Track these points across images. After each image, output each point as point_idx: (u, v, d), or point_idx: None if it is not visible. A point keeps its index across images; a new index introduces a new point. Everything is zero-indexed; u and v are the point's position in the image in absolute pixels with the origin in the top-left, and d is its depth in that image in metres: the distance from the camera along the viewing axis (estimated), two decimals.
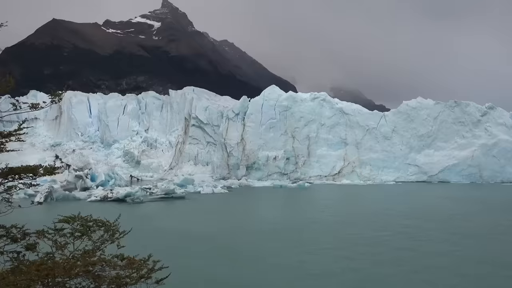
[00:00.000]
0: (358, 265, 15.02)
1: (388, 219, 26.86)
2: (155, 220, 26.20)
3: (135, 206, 34.09)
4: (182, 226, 23.76)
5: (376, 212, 30.13)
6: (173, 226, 23.53)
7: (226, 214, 30.22)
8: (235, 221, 25.97)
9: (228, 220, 26.66)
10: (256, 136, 71.10)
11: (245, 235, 21.09)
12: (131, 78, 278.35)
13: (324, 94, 76.32)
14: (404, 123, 72.27)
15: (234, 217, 28.23)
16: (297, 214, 29.45)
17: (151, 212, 30.96)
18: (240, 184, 60.44)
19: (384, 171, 70.15)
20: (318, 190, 54.45)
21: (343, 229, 22.80)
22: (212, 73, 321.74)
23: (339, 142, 72.14)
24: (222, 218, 27.76)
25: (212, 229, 22.59)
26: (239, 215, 29.12)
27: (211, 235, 20.88)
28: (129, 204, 34.92)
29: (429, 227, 23.41)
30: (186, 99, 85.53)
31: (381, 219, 26.74)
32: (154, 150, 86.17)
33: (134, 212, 30.64)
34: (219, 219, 26.91)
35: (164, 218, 27.47)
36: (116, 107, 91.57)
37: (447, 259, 16.03)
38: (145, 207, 33.76)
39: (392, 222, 25.58)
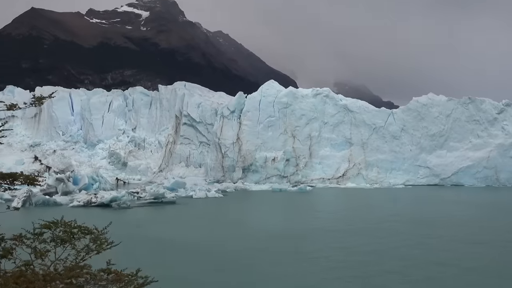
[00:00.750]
0: (361, 275, 15.02)
1: (396, 226, 26.89)
2: (143, 227, 26.15)
3: (122, 211, 34.00)
4: (172, 233, 23.72)
5: (384, 219, 30.17)
6: (163, 234, 23.48)
7: (220, 220, 30.20)
8: (230, 229, 25.95)
9: (223, 227, 26.63)
10: (253, 135, 71.11)
11: (241, 243, 21.07)
12: (117, 72, 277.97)
13: (327, 89, 76.39)
14: (414, 121, 72.42)
15: (229, 224, 28.21)
16: (297, 221, 29.45)
17: (139, 218, 30.89)
18: (236, 187, 60.40)
19: (392, 174, 70.27)
20: (320, 194, 54.43)
21: (347, 237, 22.81)
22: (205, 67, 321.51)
23: (343, 142, 72.23)
24: (216, 225, 27.73)
25: (205, 237, 22.55)
26: (234, 222, 29.11)
27: (204, 243, 20.85)
28: (114, 209, 34.83)
29: (441, 235, 23.44)
30: (177, 95, 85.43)
31: (389, 226, 26.78)
32: (142, 150, 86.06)
33: (120, 218, 30.56)
34: (212, 226, 26.88)
35: (153, 225, 27.42)
36: (101, 104, 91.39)
37: (456, 270, 16.04)
38: (132, 213, 33.67)
39: (401, 229, 25.61)
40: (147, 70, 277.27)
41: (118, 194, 38.00)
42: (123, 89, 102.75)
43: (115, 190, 46.22)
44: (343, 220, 29.78)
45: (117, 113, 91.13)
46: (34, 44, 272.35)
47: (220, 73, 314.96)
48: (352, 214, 33.58)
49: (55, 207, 35.75)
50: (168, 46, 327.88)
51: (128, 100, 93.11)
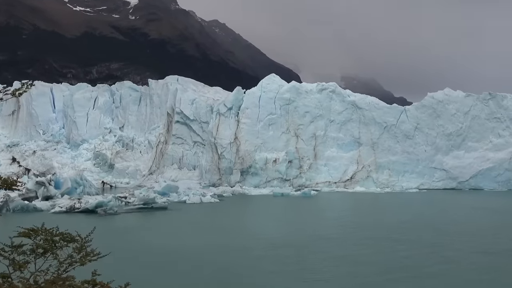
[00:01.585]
0: None
1: (408, 234, 26.89)
2: (132, 235, 26.14)
3: (108, 218, 33.98)
4: (163, 242, 23.71)
5: (395, 227, 30.18)
6: (153, 243, 23.47)
7: (216, 228, 30.19)
8: (227, 237, 25.93)
9: (219, 235, 26.63)
10: (253, 134, 71.11)
11: (239, 253, 21.07)
12: (102, 65, 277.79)
13: (334, 84, 76.41)
14: (429, 119, 72.44)
15: (225, 232, 28.20)
16: (300, 229, 29.45)
17: (126, 225, 30.89)
18: (233, 192, 60.40)
19: (405, 177, 70.27)
20: (326, 199, 54.41)
21: (353, 246, 22.80)
22: (199, 60, 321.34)
23: (351, 142, 72.24)
24: (211, 233, 27.72)
25: (199, 247, 22.54)
26: (231, 230, 29.10)
27: (198, 253, 20.85)
28: (100, 216, 34.82)
29: (458, 243, 23.45)
30: (168, 90, 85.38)
31: (401, 234, 26.77)
32: (130, 151, 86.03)
33: (106, 225, 30.54)
34: (208, 235, 26.87)
35: (142, 233, 27.42)
36: (85, 100, 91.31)
37: None
38: (119, 220, 33.65)
39: (413, 238, 25.60)
40: (136, 63, 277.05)
41: (104, 199, 37.97)
42: (109, 84, 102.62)
43: (100, 195, 46.20)
44: (350, 227, 29.78)
45: (103, 110, 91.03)
46: (11, 34, 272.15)
47: (216, 66, 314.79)
48: (361, 221, 33.58)
49: (35, 213, 35.72)
50: (159, 37, 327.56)
51: (115, 96, 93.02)
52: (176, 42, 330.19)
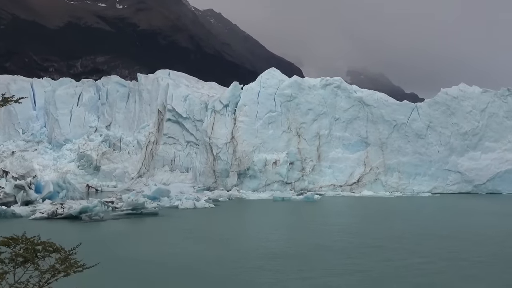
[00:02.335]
0: None
1: (421, 243, 26.87)
2: (119, 244, 26.10)
3: (93, 225, 33.93)
4: (153, 252, 23.68)
5: (407, 234, 30.15)
6: (142, 252, 23.45)
7: (210, 236, 30.16)
8: (222, 246, 25.91)
9: (214, 244, 26.60)
10: (251, 134, 71.11)
11: (234, 264, 21.04)
12: (87, 58, 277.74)
13: (339, 79, 76.46)
14: (442, 117, 72.51)
15: (221, 240, 28.17)
16: (302, 237, 29.43)
17: (113, 233, 30.84)
18: (230, 196, 60.38)
19: (416, 180, 70.34)
20: (330, 204, 54.37)
21: (361, 257, 22.78)
22: (193, 52, 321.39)
23: (358, 142, 72.28)
24: (205, 241, 27.70)
25: (192, 257, 22.52)
26: (227, 238, 29.07)
27: (191, 264, 20.82)
28: (85, 222, 34.77)
29: (477, 253, 23.45)
30: (159, 86, 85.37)
31: (414, 243, 26.75)
32: (118, 152, 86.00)
33: (91, 232, 30.49)
34: (201, 243, 26.85)
35: (130, 241, 27.38)
36: (68, 96, 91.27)
37: None
38: (105, 227, 33.60)
39: (426, 248, 25.59)
40: (124, 56, 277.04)
41: (89, 204, 37.92)
42: (95, 79, 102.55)
43: (85, 199, 46.11)
44: (357, 235, 29.76)
45: (88, 107, 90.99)
46: None
47: (211, 60, 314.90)
48: (369, 228, 33.56)
49: (13, 220, 35.65)
50: (149, 28, 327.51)
51: (101, 91, 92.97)
52: (167, 33, 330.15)
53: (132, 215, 38.96)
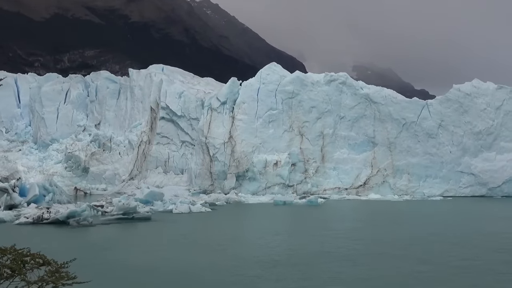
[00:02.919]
0: None
1: (436, 252, 26.86)
2: (109, 251, 26.07)
3: (82, 230, 33.90)
4: (146, 259, 23.66)
5: (418, 241, 30.14)
6: (134, 260, 23.42)
7: (207, 242, 30.12)
8: (219, 253, 25.89)
9: (210, 251, 26.58)
10: (250, 133, 71.10)
11: (232, 273, 21.03)
12: (75, 52, 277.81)
13: (344, 75, 76.45)
14: (454, 115, 72.49)
15: (218, 247, 28.15)
16: (305, 243, 29.40)
17: (103, 239, 30.80)
18: (227, 200, 60.36)
19: (427, 182, 70.33)
20: (335, 208, 54.35)
21: (368, 266, 22.77)
22: (188, 46, 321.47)
23: (364, 142, 72.28)
24: (201, 248, 27.68)
25: (187, 265, 22.51)
26: (225, 244, 29.04)
27: (186, 273, 20.81)
28: (73, 228, 34.74)
29: (490, 260, 23.43)
30: (152, 82, 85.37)
31: (424, 252, 26.72)
32: (108, 152, 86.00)
33: (79, 239, 30.45)
34: (197, 250, 26.83)
35: (121, 248, 27.36)
36: (55, 93, 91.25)
37: None
38: (95, 232, 33.57)
39: (442, 256, 25.57)
40: (114, 50, 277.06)
41: (77, 209, 37.85)
42: (83, 74, 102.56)
43: (73, 203, 46.07)
44: (363, 242, 29.74)
45: (76, 104, 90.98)
46: None
47: (207, 54, 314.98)
48: (376, 234, 33.54)
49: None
50: (141, 20, 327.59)
51: (90, 88, 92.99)
52: (161, 25, 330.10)
53: (123, 220, 38.91)
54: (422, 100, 76.55)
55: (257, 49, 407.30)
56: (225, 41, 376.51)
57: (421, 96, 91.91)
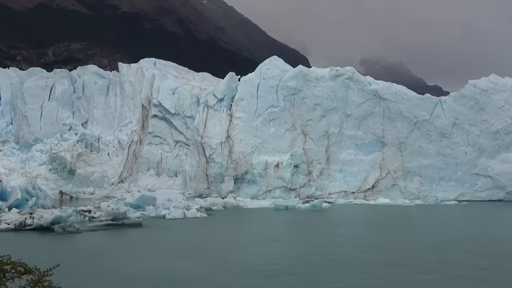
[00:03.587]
0: None
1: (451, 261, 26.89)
2: (97, 259, 26.10)
3: (67, 237, 33.91)
4: (136, 269, 23.69)
5: (431, 249, 30.17)
6: (123, 269, 23.46)
7: (202, 250, 30.16)
8: (216, 263, 25.93)
9: (206, 260, 26.62)
10: (249, 132, 71.08)
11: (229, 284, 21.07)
12: (61, 45, 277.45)
13: (351, 69, 76.42)
14: (470, 113, 72.47)
15: (214, 255, 28.19)
16: (308, 251, 29.42)
17: (90, 247, 30.82)
18: (225, 204, 60.36)
19: (440, 185, 70.28)
20: (341, 214, 54.34)
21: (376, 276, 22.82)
22: (182, 39, 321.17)
23: (373, 142, 72.24)
24: (196, 257, 27.71)
25: (181, 275, 22.55)
26: (222, 253, 29.08)
27: (179, 284, 20.84)
28: (57, 234, 34.75)
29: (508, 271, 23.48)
30: (144, 77, 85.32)
31: (438, 261, 26.76)
32: (95, 153, 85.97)
33: (65, 246, 30.47)
34: (192, 259, 26.85)
35: (110, 257, 27.38)
36: (39, 89, 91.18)
37: None
38: (81, 240, 33.58)
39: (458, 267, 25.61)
40: (102, 43, 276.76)
41: (62, 214, 37.88)
42: (69, 69, 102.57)
43: (58, 208, 46.09)
44: (371, 250, 29.77)
45: (61, 101, 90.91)
46: None
47: (203, 47, 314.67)
48: (385, 241, 33.57)
49: None
50: (132, 10, 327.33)
51: (77, 84, 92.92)
52: (153, 16, 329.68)
53: (112, 227, 38.93)
54: (435, 96, 76.50)
55: (257, 42, 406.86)
56: (223, 33, 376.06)
57: (434, 92, 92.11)
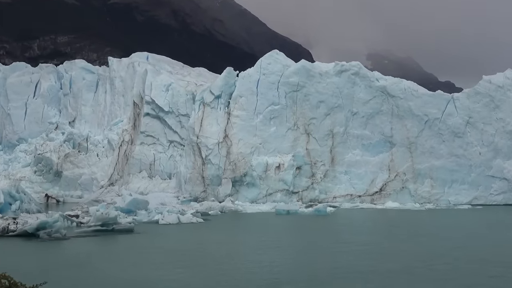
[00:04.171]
0: None
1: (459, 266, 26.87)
2: (85, 268, 26.05)
3: (53, 244, 33.86)
4: (127, 278, 23.66)
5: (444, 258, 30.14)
6: (113, 279, 23.41)
7: (198, 259, 30.13)
8: (213, 271, 25.90)
9: (202, 269, 26.59)
10: (249, 132, 71.06)
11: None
12: (46, 38, 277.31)
13: (357, 64, 76.40)
14: (485, 110, 72.48)
15: (210, 264, 28.15)
16: (311, 259, 29.42)
17: (78, 254, 30.77)
18: (222, 209, 60.34)
19: (453, 188, 70.27)
20: (347, 219, 54.28)
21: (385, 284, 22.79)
22: (177, 31, 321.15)
23: (381, 142, 72.24)
24: (191, 266, 27.67)
25: (175, 285, 22.51)
26: (219, 261, 29.04)
27: None
28: (43, 241, 34.70)
29: None
30: (135, 72, 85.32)
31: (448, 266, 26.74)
32: (84, 154, 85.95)
33: (50, 254, 30.40)
34: (187, 268, 26.82)
35: (98, 265, 27.32)
36: (23, 85, 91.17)
37: None
38: (68, 247, 33.52)
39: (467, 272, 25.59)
40: (91, 36, 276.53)
41: (48, 219, 37.81)
42: (56, 64, 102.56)
43: (44, 213, 46.00)
44: (378, 257, 29.75)
45: (47, 98, 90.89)
46: None
47: (199, 40, 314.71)
48: (394, 249, 33.58)
49: None
50: (123, 1, 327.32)
51: (64, 79, 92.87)
52: (145, 7, 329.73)
53: (101, 233, 38.89)
54: (447, 93, 76.53)
55: (257, 35, 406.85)
56: (220, 25, 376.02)
57: (446, 89, 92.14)
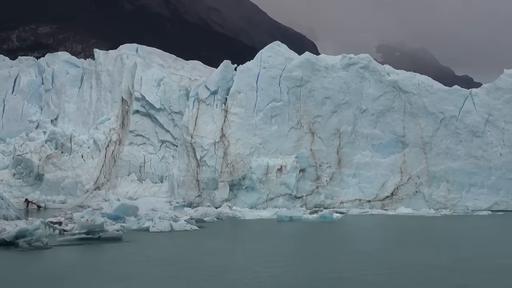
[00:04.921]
0: None
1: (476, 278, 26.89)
2: (68, 280, 26.05)
3: (34, 254, 33.84)
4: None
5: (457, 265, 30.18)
6: None
7: (192, 268, 30.15)
8: (208, 282, 25.91)
9: (197, 279, 26.60)
10: (248, 131, 71.09)
11: None
12: (26, 28, 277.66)
13: (367, 57, 76.46)
14: (506, 108, 72.53)
15: (206, 275, 28.17)
16: (317, 268, 29.42)
17: (61, 265, 30.76)
18: (219, 215, 60.35)
19: (471, 193, 70.29)
20: (355, 226, 54.33)
21: None
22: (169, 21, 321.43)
23: (392, 142, 72.27)
24: (185, 277, 27.69)
25: None
26: (215, 271, 29.05)
27: None
28: (22, 250, 34.69)
29: None
30: (124, 66, 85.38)
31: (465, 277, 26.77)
32: (67, 155, 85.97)
33: (31, 264, 30.38)
34: (179, 280, 26.83)
35: (83, 276, 27.33)
36: (1, 79, 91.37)
37: None
38: (50, 257, 33.49)
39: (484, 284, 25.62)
40: (75, 26, 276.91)
41: (28, 226, 37.81)
42: (36, 57, 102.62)
43: (23, 220, 46.01)
44: (389, 267, 29.79)
45: (27, 94, 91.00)
46: None
47: (193, 31, 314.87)
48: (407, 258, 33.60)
49: None
50: None
51: (45, 74, 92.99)
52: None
53: (86, 241, 38.87)
54: (465, 89, 76.58)
55: (257, 25, 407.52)
56: (216, 14, 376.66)
57: (463, 84, 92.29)
